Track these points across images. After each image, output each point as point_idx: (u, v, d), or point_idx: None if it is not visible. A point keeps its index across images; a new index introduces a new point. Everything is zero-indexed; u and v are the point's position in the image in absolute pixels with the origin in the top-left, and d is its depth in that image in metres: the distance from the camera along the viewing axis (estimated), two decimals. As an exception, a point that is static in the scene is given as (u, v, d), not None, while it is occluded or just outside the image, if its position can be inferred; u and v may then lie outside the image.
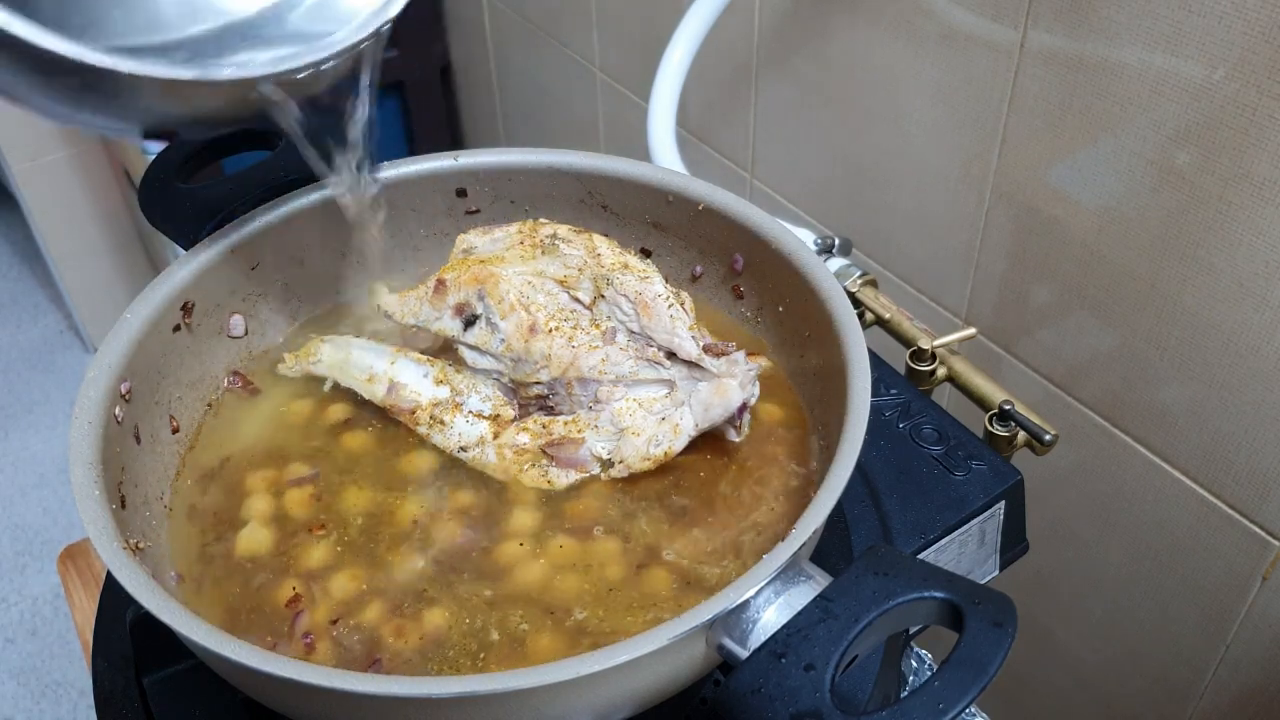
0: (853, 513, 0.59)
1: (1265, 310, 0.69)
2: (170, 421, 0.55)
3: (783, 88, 1.01)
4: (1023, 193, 0.82)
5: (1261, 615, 0.79)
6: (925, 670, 0.65)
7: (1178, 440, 0.79)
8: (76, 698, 1.63)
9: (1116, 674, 0.94)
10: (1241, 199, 0.68)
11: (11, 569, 1.81)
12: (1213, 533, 0.80)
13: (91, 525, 0.44)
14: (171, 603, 0.41)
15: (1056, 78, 0.75)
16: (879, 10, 0.87)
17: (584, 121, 1.42)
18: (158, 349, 0.55)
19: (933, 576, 0.40)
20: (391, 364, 0.58)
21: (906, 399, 0.66)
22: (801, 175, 1.05)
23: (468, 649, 0.46)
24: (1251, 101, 0.65)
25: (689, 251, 0.62)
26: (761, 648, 0.39)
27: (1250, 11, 0.63)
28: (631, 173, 0.61)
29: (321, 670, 0.39)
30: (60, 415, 2.08)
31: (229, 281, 0.59)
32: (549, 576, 0.48)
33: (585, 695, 0.41)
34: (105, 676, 0.54)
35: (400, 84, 1.69)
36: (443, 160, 0.63)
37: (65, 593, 0.88)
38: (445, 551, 0.50)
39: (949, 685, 0.37)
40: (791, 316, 0.58)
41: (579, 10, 1.31)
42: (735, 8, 1.00)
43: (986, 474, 0.62)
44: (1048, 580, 0.97)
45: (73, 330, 2.23)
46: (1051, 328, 0.85)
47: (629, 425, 0.53)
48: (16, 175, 1.88)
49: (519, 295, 0.56)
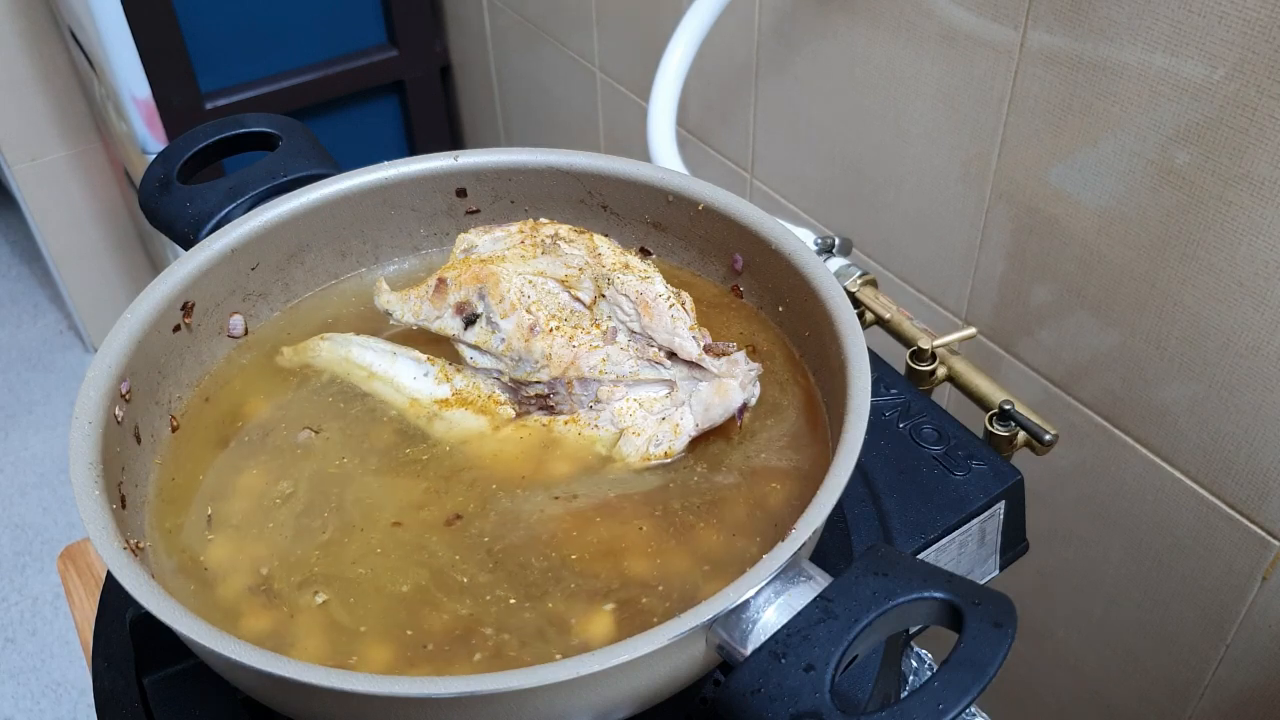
0: (853, 513, 0.59)
1: (1265, 310, 0.69)
2: (170, 421, 0.55)
3: (783, 88, 1.01)
4: (1023, 193, 0.82)
5: (1261, 615, 0.79)
6: (925, 670, 0.65)
7: (1178, 440, 0.79)
8: (76, 698, 1.64)
9: (1116, 674, 0.94)
10: (1241, 199, 0.68)
11: (11, 569, 1.81)
12: (1213, 533, 0.80)
13: (91, 525, 0.44)
14: (171, 602, 0.41)
15: (1056, 78, 0.75)
16: (879, 10, 0.87)
17: (584, 121, 1.42)
18: (158, 349, 0.55)
19: (933, 576, 0.40)
20: (392, 362, 0.58)
21: (906, 399, 0.66)
22: (801, 175, 1.05)
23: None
24: (1251, 101, 0.65)
25: (689, 251, 0.62)
26: (761, 648, 0.39)
27: (1250, 11, 0.63)
28: (631, 173, 0.61)
29: (321, 670, 0.39)
30: (60, 415, 2.08)
31: (229, 281, 0.59)
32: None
33: (585, 695, 0.41)
34: (105, 676, 0.54)
35: (400, 84, 1.69)
36: (443, 160, 0.63)
37: (65, 593, 0.88)
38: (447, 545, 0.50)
39: (949, 685, 0.37)
40: (791, 316, 0.58)
41: (579, 10, 1.31)
42: (735, 8, 1.00)
43: (986, 474, 0.62)
44: (1048, 580, 0.97)
45: (73, 330, 2.23)
46: (1051, 328, 0.85)
47: (629, 425, 0.53)
48: (16, 175, 1.88)
49: (519, 295, 0.56)
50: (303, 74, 1.60)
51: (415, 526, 0.51)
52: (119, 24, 1.41)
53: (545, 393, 0.55)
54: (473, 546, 0.50)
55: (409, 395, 0.57)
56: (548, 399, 0.55)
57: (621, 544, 0.49)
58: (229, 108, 1.56)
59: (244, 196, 0.62)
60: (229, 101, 1.56)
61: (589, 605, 0.47)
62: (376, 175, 0.62)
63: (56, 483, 1.95)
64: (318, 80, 1.61)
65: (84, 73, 1.74)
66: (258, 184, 0.62)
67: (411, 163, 0.63)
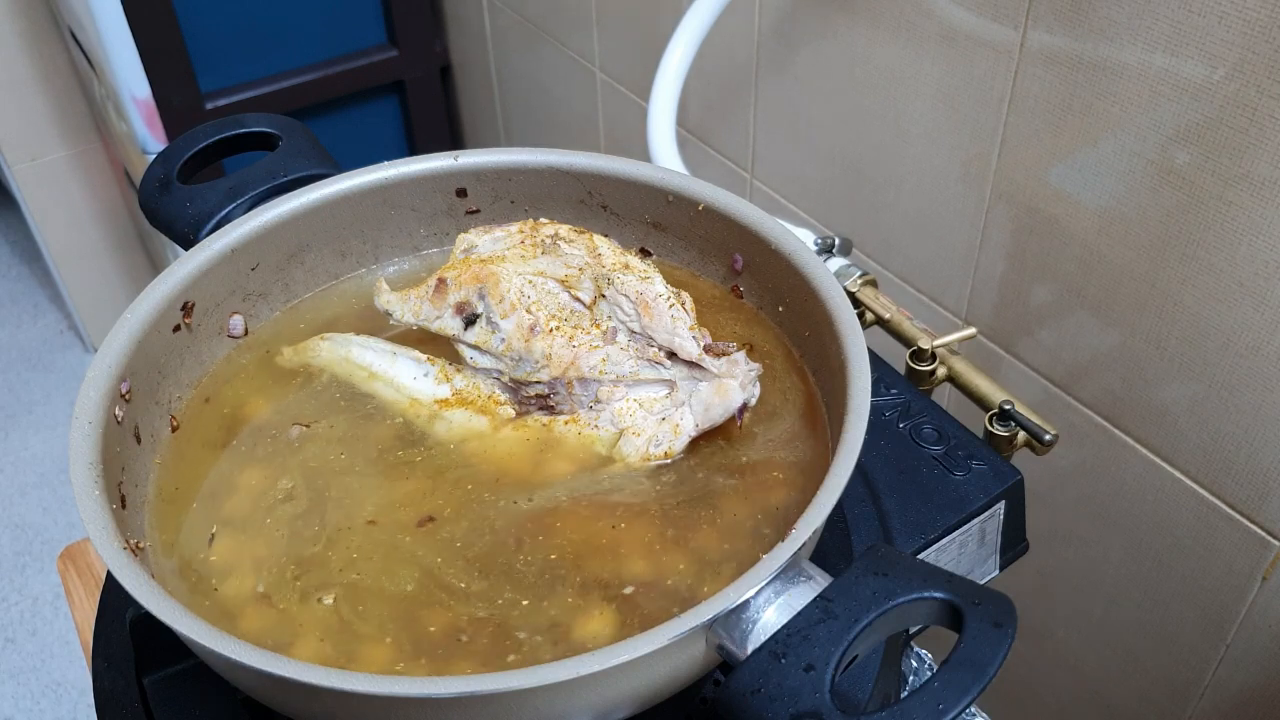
0: (853, 513, 0.59)
1: (1265, 310, 0.69)
2: (170, 421, 0.55)
3: (783, 88, 1.01)
4: (1023, 193, 0.82)
5: (1261, 615, 0.79)
6: (925, 670, 0.65)
7: (1178, 440, 0.79)
8: (76, 698, 1.64)
9: (1116, 674, 0.94)
10: (1241, 199, 0.68)
11: (11, 569, 1.82)
12: (1213, 533, 0.80)
13: (91, 525, 0.44)
14: (171, 602, 0.41)
15: (1056, 78, 0.75)
16: (879, 10, 0.87)
17: (584, 121, 1.42)
18: (158, 349, 0.55)
19: (933, 576, 0.40)
20: (392, 362, 0.58)
21: (906, 399, 0.66)
22: (801, 175, 1.05)
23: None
24: (1251, 101, 0.65)
25: (689, 251, 0.62)
26: (761, 648, 0.39)
27: (1250, 11, 0.63)
28: (631, 173, 0.61)
29: (321, 670, 0.39)
30: (60, 415, 2.08)
31: (229, 281, 0.59)
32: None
33: (585, 695, 0.41)
34: (105, 676, 0.54)
35: (400, 84, 1.69)
36: (443, 160, 0.63)
37: (65, 593, 0.88)
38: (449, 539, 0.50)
39: (949, 685, 0.37)
40: (791, 316, 0.58)
41: (579, 10, 1.31)
42: (735, 8, 1.00)
43: (986, 474, 0.62)
44: (1048, 580, 0.97)
45: (73, 330, 2.23)
46: (1051, 328, 0.85)
47: (629, 425, 0.53)
48: (16, 175, 1.88)
49: (519, 295, 0.56)
50: (303, 74, 1.60)
51: (415, 526, 0.50)
52: (119, 24, 1.41)
53: (545, 393, 0.55)
54: (474, 546, 0.50)
55: (409, 395, 0.57)
56: (548, 399, 0.55)
57: (621, 544, 0.49)
58: (229, 108, 1.56)
59: (244, 196, 0.62)
60: (229, 101, 1.56)
61: (589, 605, 0.47)
62: (376, 175, 0.62)
63: (56, 483, 1.95)
64: (318, 80, 1.61)
65: (84, 73, 1.74)
66: (258, 184, 0.62)
67: (411, 163, 0.63)
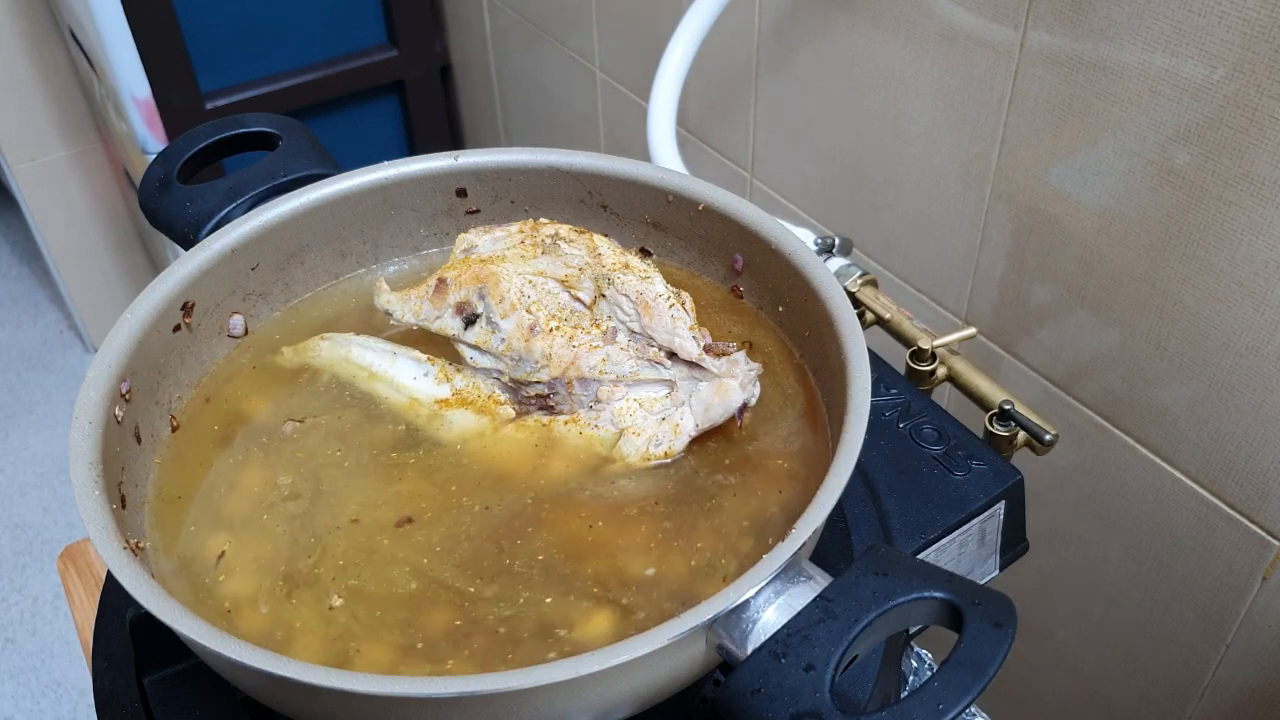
0: (853, 513, 0.59)
1: (1265, 310, 0.69)
2: (170, 421, 0.55)
3: (783, 87, 1.01)
4: (1023, 193, 0.82)
5: (1261, 615, 0.79)
6: (925, 670, 0.65)
7: (1178, 440, 0.79)
8: (76, 698, 1.64)
9: (1116, 674, 0.94)
10: (1241, 199, 0.68)
11: (11, 569, 1.82)
12: (1213, 533, 0.80)
13: (91, 525, 0.44)
14: (171, 602, 0.41)
15: (1056, 78, 0.75)
16: (879, 10, 0.87)
17: (584, 121, 1.42)
18: (158, 349, 0.55)
19: (933, 576, 0.40)
20: (392, 362, 0.58)
21: (906, 399, 0.66)
22: (801, 175, 1.05)
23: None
24: (1251, 101, 0.65)
25: (689, 251, 0.62)
26: (761, 648, 0.39)
27: (1250, 11, 0.63)
28: (631, 173, 0.61)
29: (321, 670, 0.39)
30: (60, 415, 2.08)
31: (229, 281, 0.59)
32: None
33: (585, 695, 0.41)
34: (105, 676, 0.54)
35: (400, 84, 1.69)
36: (443, 160, 0.63)
37: (65, 593, 0.88)
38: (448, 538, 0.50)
39: (949, 685, 0.37)
40: (791, 316, 0.58)
41: (579, 10, 1.31)
42: (735, 8, 1.00)
43: (986, 474, 0.62)
44: (1048, 580, 0.97)
45: (73, 330, 2.23)
46: (1051, 328, 0.85)
47: (629, 425, 0.53)
48: (16, 175, 1.88)
49: (519, 295, 0.56)
50: (303, 74, 1.60)
51: (423, 527, 0.51)
52: (119, 24, 1.41)
53: (545, 393, 0.55)
54: (476, 546, 0.50)
55: (409, 395, 0.57)
56: (548, 399, 0.55)
57: (621, 543, 0.49)
58: (229, 108, 1.56)
59: (244, 196, 0.62)
60: (229, 101, 1.56)
61: (589, 605, 0.47)
62: (376, 175, 0.62)
63: (56, 483, 1.95)
64: (318, 80, 1.61)
65: (84, 73, 1.74)
66: (258, 184, 0.62)
67: (411, 163, 0.63)
